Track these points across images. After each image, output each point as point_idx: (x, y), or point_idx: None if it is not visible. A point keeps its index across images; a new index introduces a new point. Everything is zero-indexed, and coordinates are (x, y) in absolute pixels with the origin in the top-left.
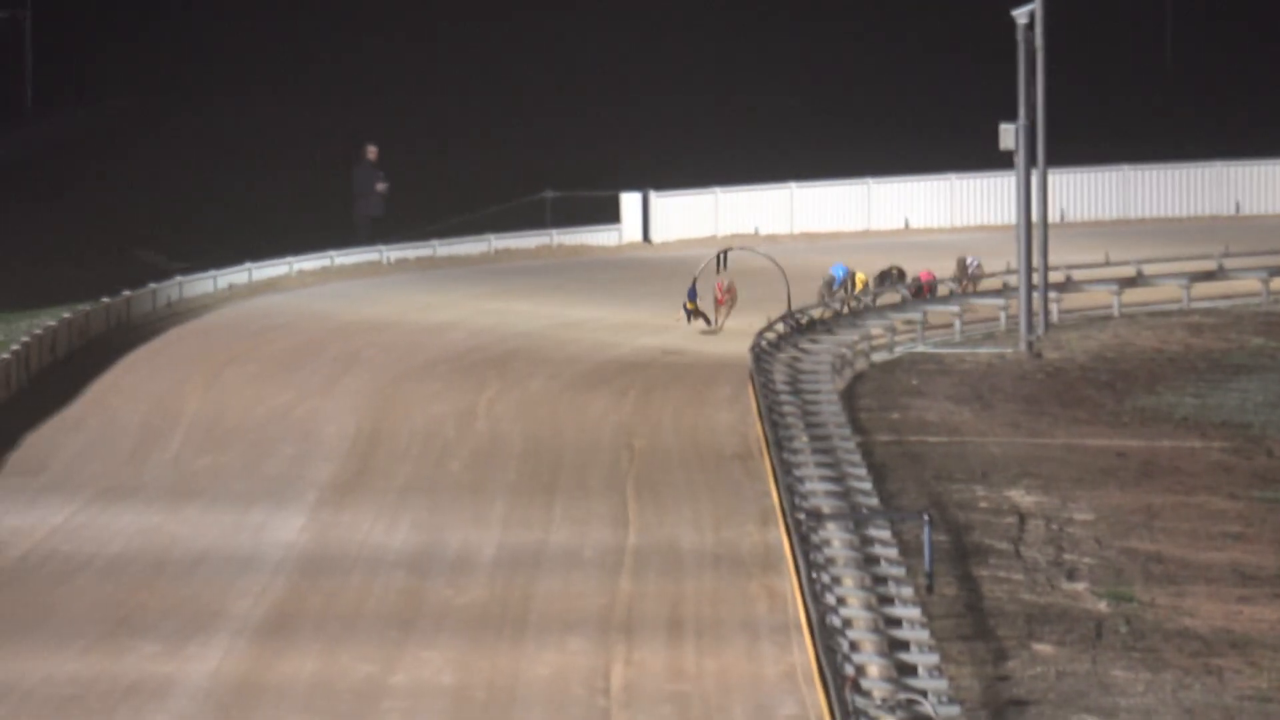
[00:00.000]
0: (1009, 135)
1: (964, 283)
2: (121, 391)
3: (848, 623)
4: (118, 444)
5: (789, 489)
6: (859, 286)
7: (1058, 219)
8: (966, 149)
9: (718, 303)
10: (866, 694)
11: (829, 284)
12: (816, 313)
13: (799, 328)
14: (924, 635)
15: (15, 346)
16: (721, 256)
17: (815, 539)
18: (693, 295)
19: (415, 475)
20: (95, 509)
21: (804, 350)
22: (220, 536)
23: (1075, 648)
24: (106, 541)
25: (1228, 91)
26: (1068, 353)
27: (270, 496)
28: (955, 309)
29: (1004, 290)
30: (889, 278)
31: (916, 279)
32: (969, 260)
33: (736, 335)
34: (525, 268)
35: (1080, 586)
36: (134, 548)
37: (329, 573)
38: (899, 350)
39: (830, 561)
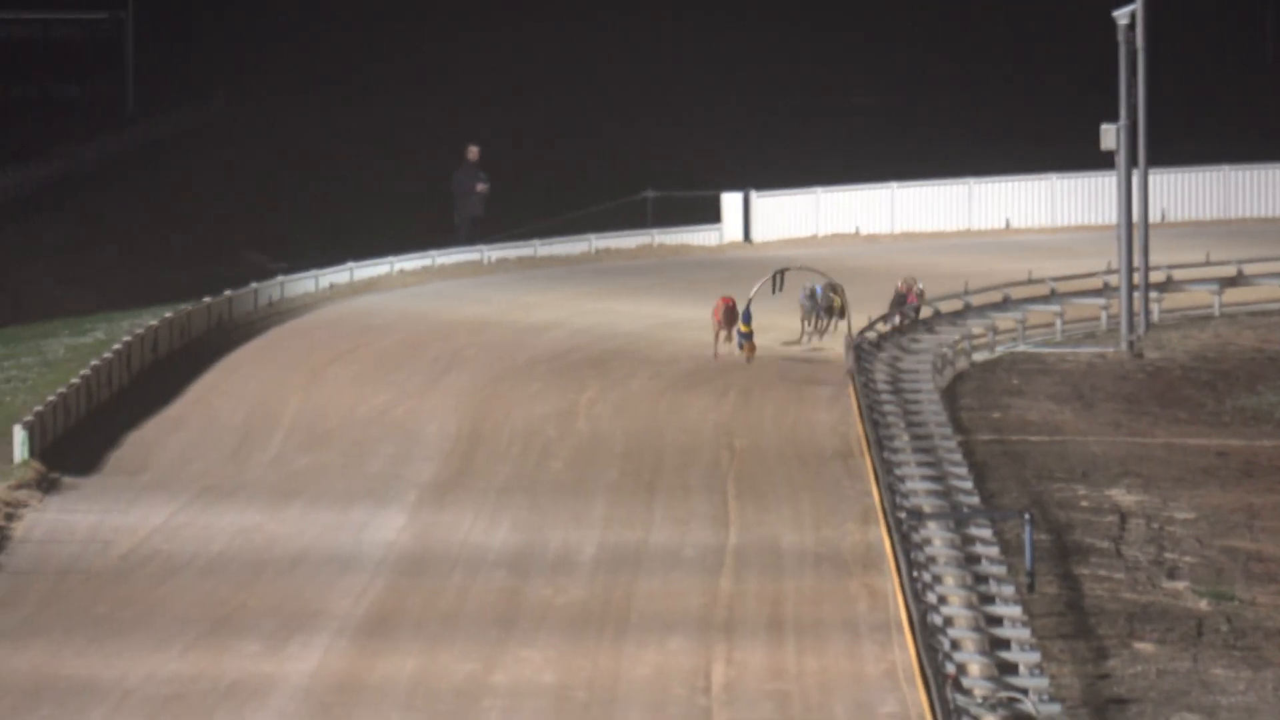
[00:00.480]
0: (1110, 136)
1: (900, 313)
2: (223, 391)
3: (949, 621)
4: (219, 443)
5: (890, 488)
6: (836, 304)
7: (1158, 219)
8: (1068, 149)
9: (716, 321)
10: (967, 692)
11: (809, 296)
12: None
13: (899, 329)
14: (1025, 633)
15: (117, 346)
16: (778, 277)
17: (916, 538)
18: (747, 318)
19: (515, 475)
20: (196, 508)
21: (904, 350)
22: (320, 536)
23: (1176, 646)
24: (207, 541)
25: None
26: (1168, 352)
27: (371, 496)
28: (1056, 308)
29: (1105, 290)
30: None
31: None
32: (916, 286)
33: (839, 334)
34: (626, 267)
35: (1181, 585)
36: (235, 547)
37: (429, 572)
38: (1000, 349)
39: (931, 560)
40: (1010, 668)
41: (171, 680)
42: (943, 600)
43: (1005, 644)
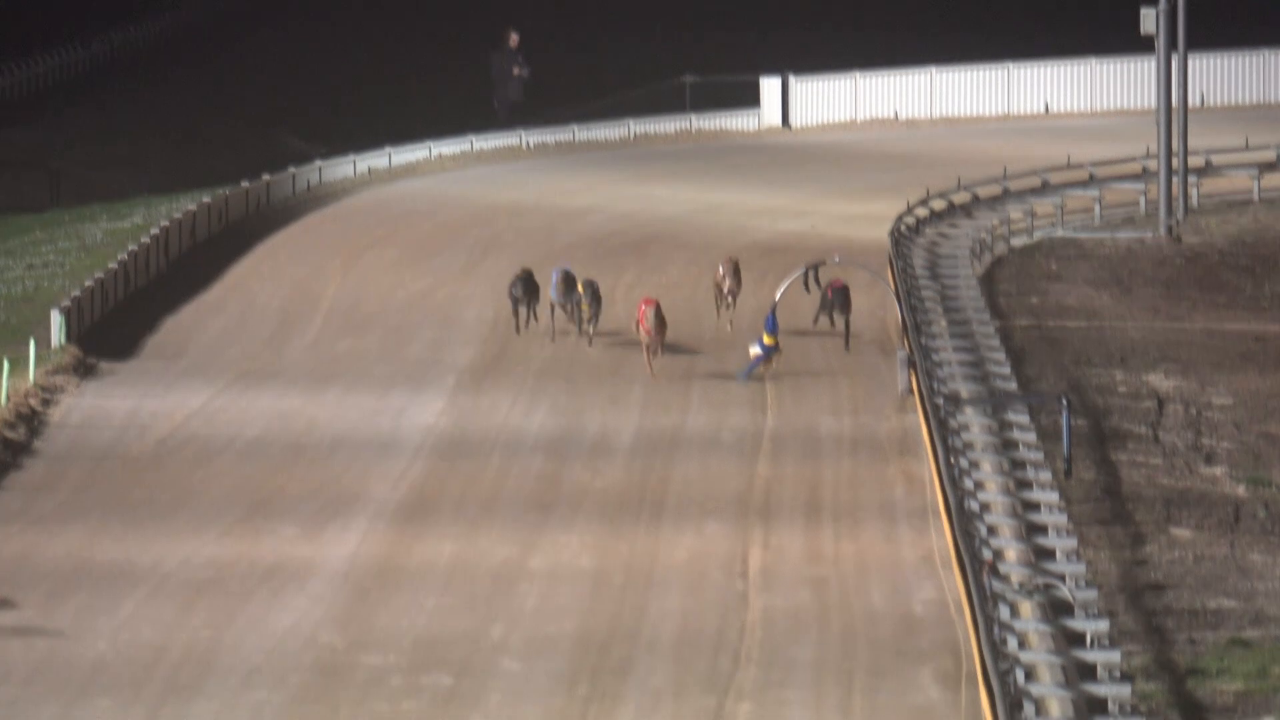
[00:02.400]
0: (1149, 19)
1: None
2: (261, 275)
3: (985, 507)
4: (257, 328)
5: (927, 373)
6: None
7: (1198, 103)
8: (1106, 33)
9: (644, 331)
10: (1004, 578)
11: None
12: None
13: (936, 214)
14: (1062, 520)
15: (155, 230)
16: (811, 271)
17: (953, 424)
18: (771, 327)
19: (553, 359)
20: (234, 392)
21: (943, 235)
22: (359, 420)
23: (1213, 532)
24: (245, 425)
25: None
26: (1207, 237)
27: (409, 380)
28: (1095, 193)
29: (1144, 175)
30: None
31: (829, 284)
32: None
33: (879, 221)
34: (664, 152)
35: (1218, 471)
36: (273, 431)
37: (468, 456)
38: (1038, 235)
39: (968, 446)
40: (1047, 553)
41: (208, 564)
42: (979, 486)
43: (1042, 530)
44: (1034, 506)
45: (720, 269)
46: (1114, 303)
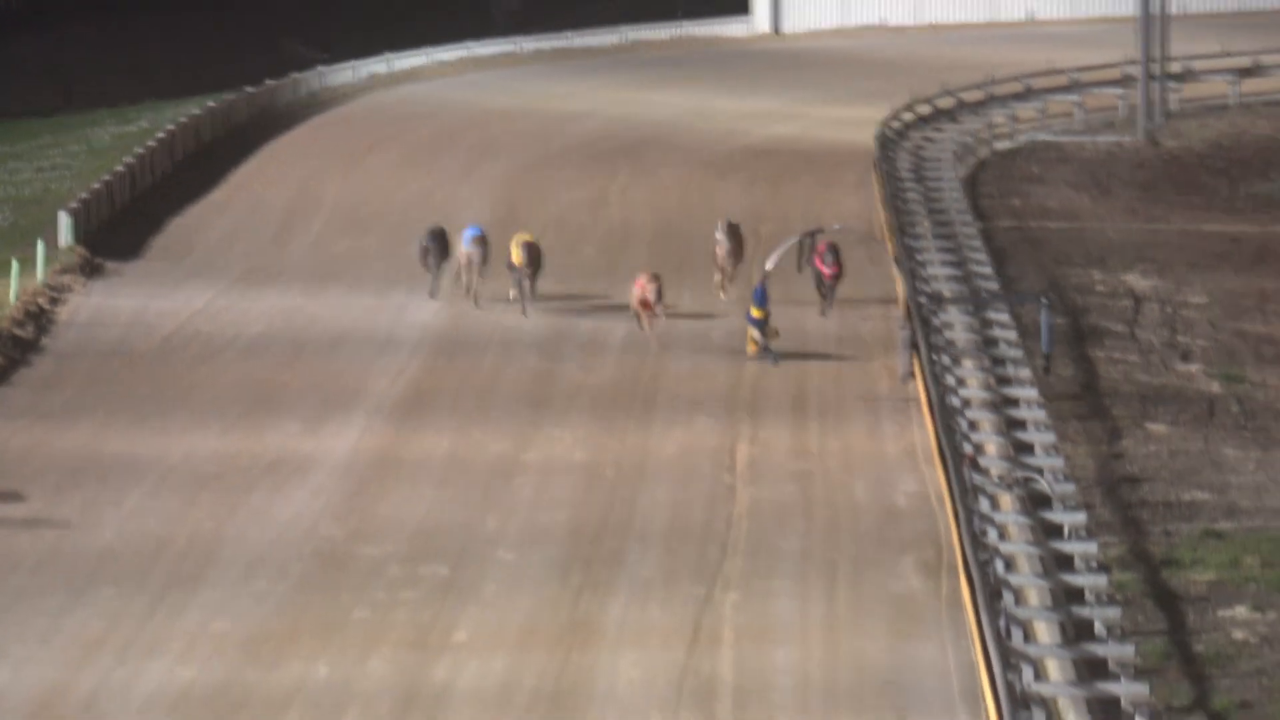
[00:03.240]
0: None
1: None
2: (264, 178)
3: (967, 403)
4: (260, 228)
5: (912, 273)
6: (516, 253)
7: (1178, 11)
8: None
9: (645, 307)
10: (984, 471)
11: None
12: None
13: (922, 119)
14: (1041, 415)
15: (161, 134)
16: (808, 240)
17: (936, 322)
18: (760, 299)
19: (549, 260)
20: (238, 291)
21: (928, 139)
22: (360, 318)
23: (1188, 427)
24: (248, 323)
25: None
26: (1185, 141)
27: (410, 279)
28: (1076, 98)
29: (1124, 80)
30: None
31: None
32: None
33: (866, 125)
34: (658, 58)
35: (1193, 367)
36: (275, 329)
37: (464, 354)
38: (1021, 139)
39: (950, 343)
40: (1026, 448)
41: (212, 458)
42: (961, 382)
43: (1021, 425)
44: (1014, 402)
45: (717, 232)
46: (1093, 204)
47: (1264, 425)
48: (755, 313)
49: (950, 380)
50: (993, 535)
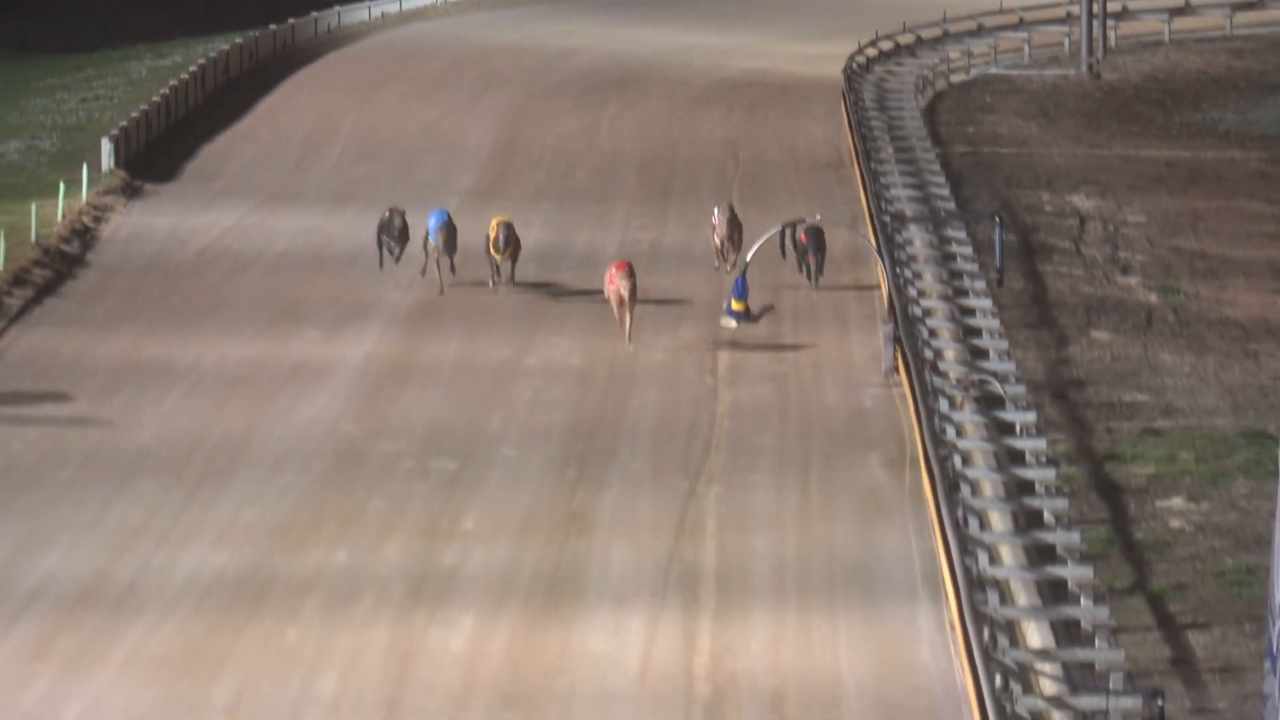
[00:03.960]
0: None
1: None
2: (287, 108)
3: (927, 313)
4: (283, 154)
5: (876, 194)
6: (493, 236)
7: None
8: None
9: (621, 303)
10: (943, 375)
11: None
12: None
13: (885, 53)
14: (994, 323)
15: (193, 68)
16: (789, 230)
17: (899, 239)
18: (741, 292)
19: (546, 182)
20: (263, 211)
21: (890, 72)
22: (374, 236)
23: (1128, 335)
24: (273, 240)
25: None
26: (1123, 74)
27: (420, 200)
28: (1024, 35)
29: (1068, 19)
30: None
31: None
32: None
33: (834, 60)
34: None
35: (1133, 280)
36: (297, 246)
37: (471, 268)
38: (974, 72)
39: (913, 258)
40: (981, 353)
41: (241, 363)
42: (922, 294)
43: (977, 333)
44: (970, 312)
45: (715, 215)
46: (1041, 132)
47: (1197, 333)
48: (735, 305)
49: (912, 292)
50: (951, 433)
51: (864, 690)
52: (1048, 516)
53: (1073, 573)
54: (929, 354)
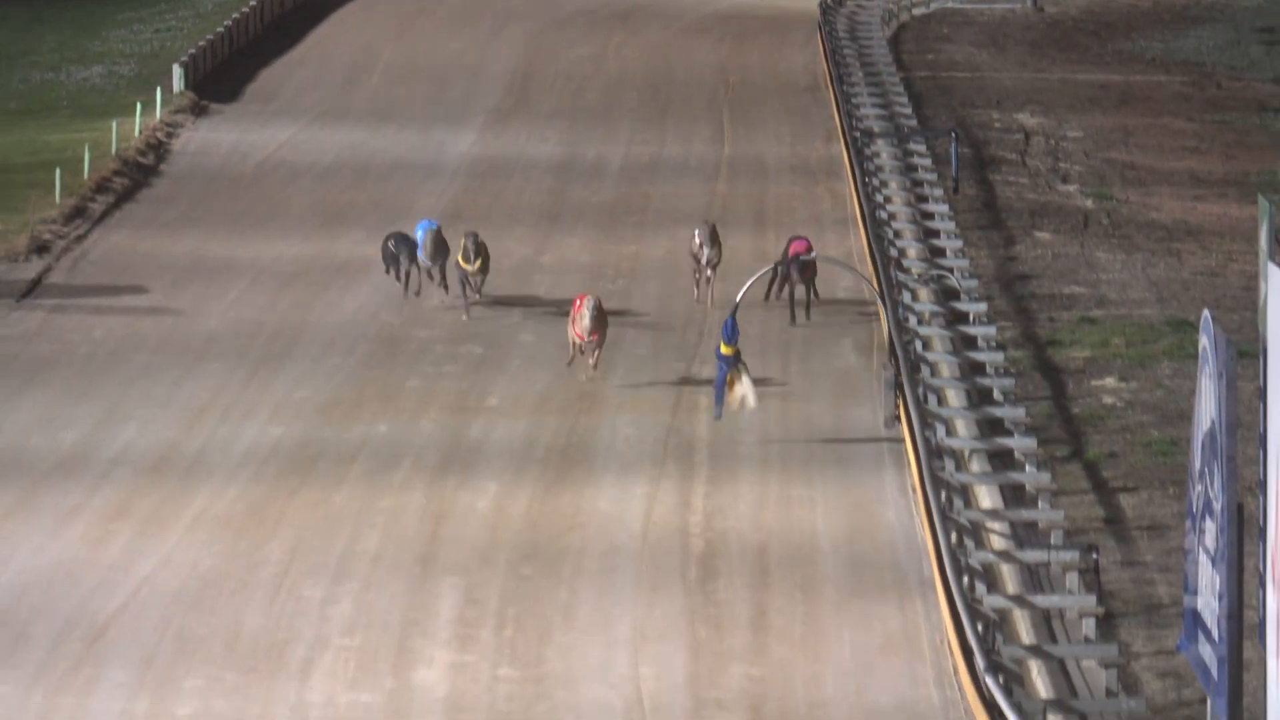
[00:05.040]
0: None
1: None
2: (335, 38)
3: (892, 216)
4: (331, 79)
5: (848, 114)
6: (462, 245)
7: None
8: None
9: (580, 337)
10: (907, 270)
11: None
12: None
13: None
14: (951, 226)
15: (253, 3)
16: (781, 269)
17: (868, 152)
18: (730, 335)
19: (559, 103)
20: (314, 129)
21: (860, 6)
22: (411, 149)
23: (1067, 235)
24: (322, 153)
25: None
26: (1064, 8)
27: (449, 120)
28: None
29: None
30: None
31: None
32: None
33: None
34: None
35: (1072, 188)
36: (343, 158)
37: (494, 177)
38: (933, 6)
39: (880, 169)
40: (939, 251)
41: (295, 261)
42: (888, 200)
43: (936, 234)
44: (929, 216)
45: (696, 236)
46: (991, 59)
47: (1127, 234)
48: (725, 349)
49: (879, 198)
50: (913, 320)
51: (837, 546)
52: (997, 394)
53: (1018, 443)
54: (894, 252)
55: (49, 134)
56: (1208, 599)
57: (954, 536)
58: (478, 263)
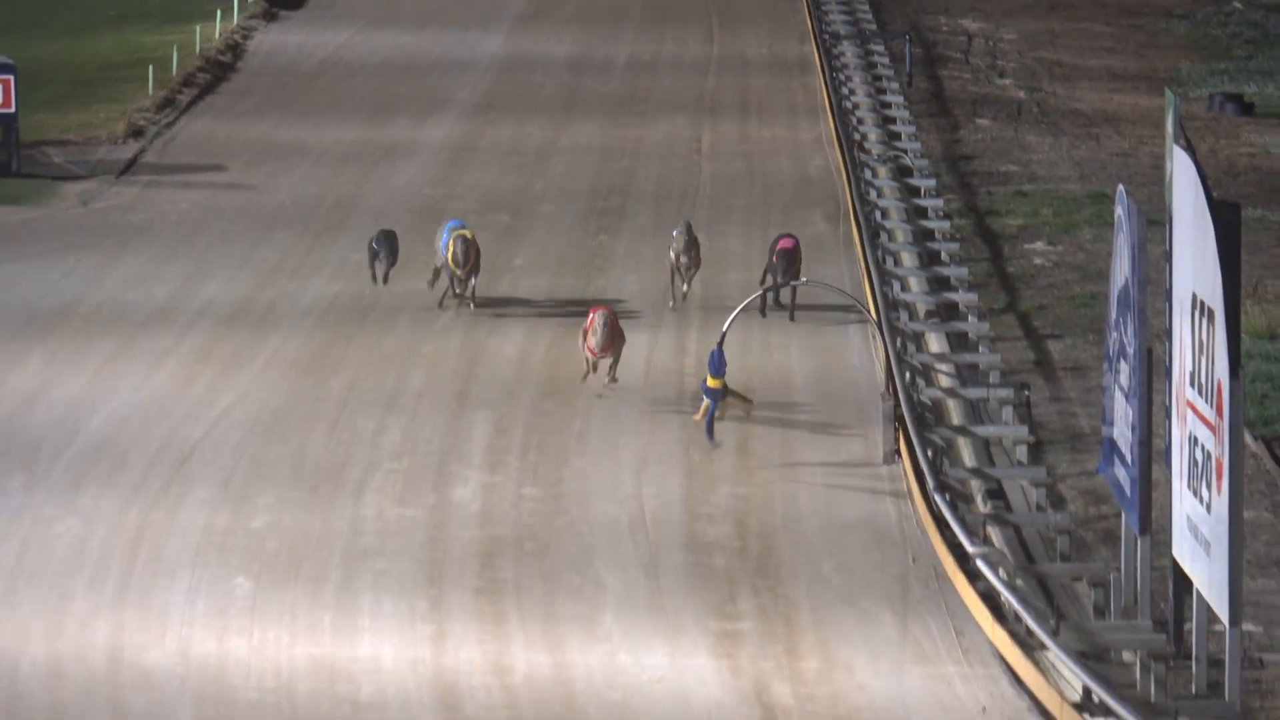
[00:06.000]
0: None
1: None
2: None
3: (856, 106)
4: None
5: (818, 19)
6: (452, 250)
7: None
8: None
9: (589, 350)
10: (868, 151)
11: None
12: None
13: None
14: (905, 114)
15: None
16: (769, 292)
17: (835, 51)
18: (717, 367)
19: (575, 10)
20: (367, 32)
21: None
22: (448, 49)
23: (1004, 122)
24: (374, 53)
25: None
26: None
27: (479, 23)
28: None
29: None
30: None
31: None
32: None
33: None
34: None
35: (1007, 82)
36: (392, 57)
37: (519, 72)
38: None
39: (845, 66)
40: (895, 135)
41: (351, 143)
42: (851, 92)
43: (892, 121)
44: (887, 105)
45: (674, 235)
46: None
47: (1054, 121)
48: (711, 382)
49: (845, 91)
50: (873, 194)
51: (809, 383)
52: (944, 256)
53: (962, 297)
54: (857, 136)
55: (143, 36)
56: (1122, 429)
57: (908, 376)
58: (468, 265)
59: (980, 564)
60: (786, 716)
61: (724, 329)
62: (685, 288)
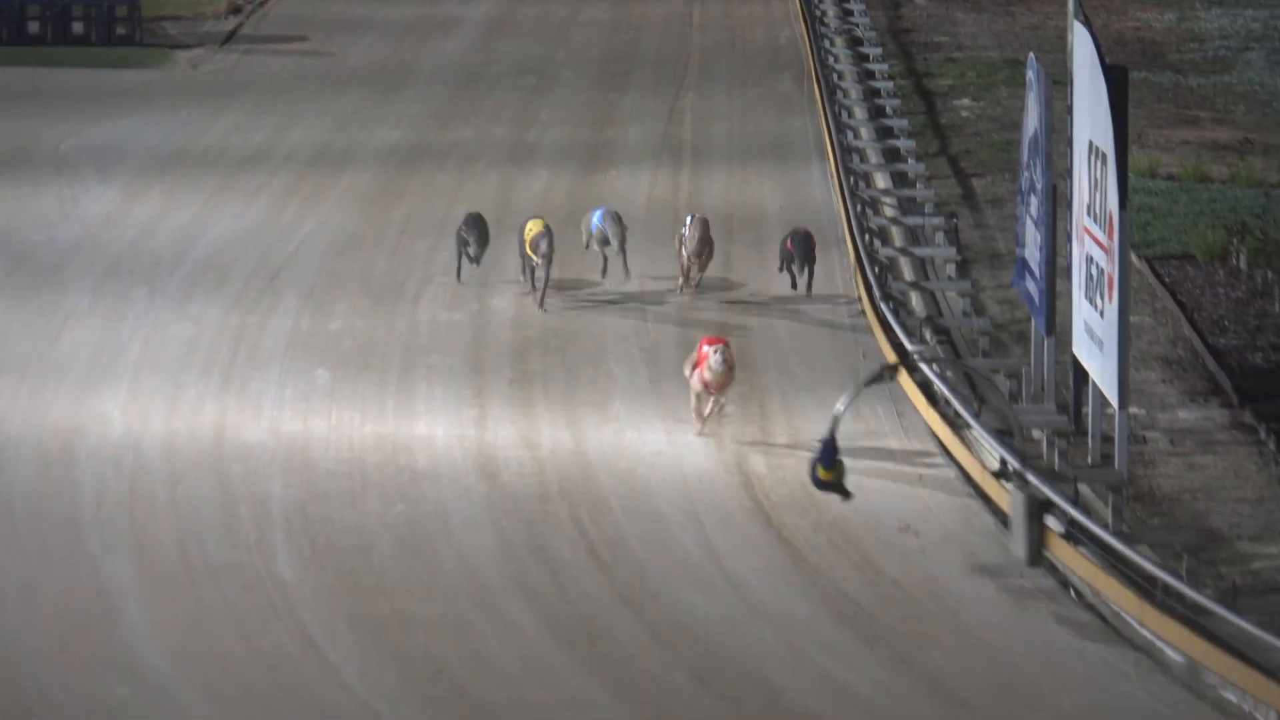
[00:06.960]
0: None
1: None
2: None
3: None
4: None
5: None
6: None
7: None
8: None
9: (704, 385)
10: (826, 25)
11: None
12: None
13: None
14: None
15: None
16: (888, 373)
17: None
18: (829, 459)
19: None
20: None
21: None
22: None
23: (937, 2)
24: None
25: None
26: None
27: None
28: None
29: None
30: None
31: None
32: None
33: None
34: None
35: None
36: None
37: None
38: None
39: None
40: (849, 13)
41: (409, 19)
42: None
43: (846, 0)
44: None
45: (685, 225)
46: None
47: (978, 1)
48: (823, 474)
49: None
50: (831, 60)
51: (779, 213)
52: (888, 109)
53: (903, 144)
54: (818, 13)
55: None
56: (1032, 250)
57: (859, 207)
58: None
59: (917, 359)
60: (760, 481)
61: (838, 410)
62: (699, 277)
